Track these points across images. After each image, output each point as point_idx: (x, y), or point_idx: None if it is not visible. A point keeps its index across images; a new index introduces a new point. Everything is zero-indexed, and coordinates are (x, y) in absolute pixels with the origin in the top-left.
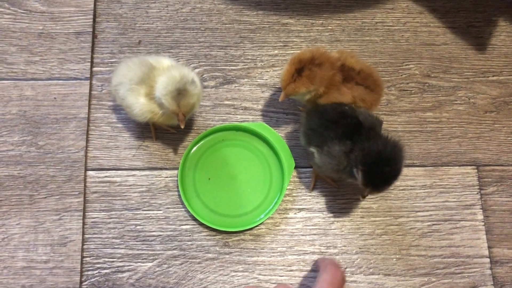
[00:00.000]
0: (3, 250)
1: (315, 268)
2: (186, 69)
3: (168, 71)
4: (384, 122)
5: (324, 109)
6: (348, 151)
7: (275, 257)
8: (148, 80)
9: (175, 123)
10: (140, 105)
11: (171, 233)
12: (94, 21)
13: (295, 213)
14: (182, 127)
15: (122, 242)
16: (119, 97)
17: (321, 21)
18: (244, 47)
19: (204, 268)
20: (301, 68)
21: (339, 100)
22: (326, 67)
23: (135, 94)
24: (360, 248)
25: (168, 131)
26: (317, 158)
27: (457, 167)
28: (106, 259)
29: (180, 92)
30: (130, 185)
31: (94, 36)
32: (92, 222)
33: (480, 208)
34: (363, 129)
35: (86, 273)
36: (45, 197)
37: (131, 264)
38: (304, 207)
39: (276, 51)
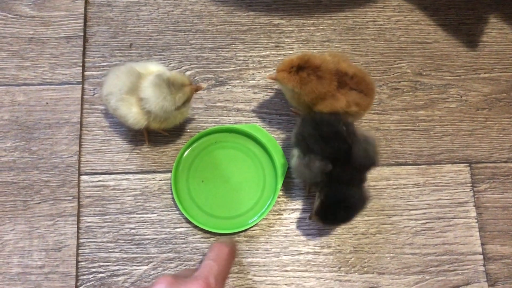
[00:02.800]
0: None
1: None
2: (145, 81)
3: (146, 98)
4: (376, 121)
5: (320, 121)
6: (326, 172)
7: (269, 258)
8: (138, 88)
9: (168, 126)
10: (134, 114)
11: (166, 236)
12: (85, 25)
13: (289, 214)
14: (204, 87)
15: (117, 246)
16: (111, 107)
17: (312, 21)
18: (236, 48)
19: None
20: (303, 68)
21: (334, 106)
22: (323, 82)
23: (127, 104)
24: (354, 247)
25: (161, 134)
26: (294, 162)
27: (449, 165)
28: (101, 263)
29: (172, 83)
30: (123, 189)
31: (85, 40)
32: (86, 226)
33: (473, 206)
34: (351, 162)
35: (81, 277)
36: (39, 203)
37: (126, 267)
38: (298, 208)
39: (267, 52)
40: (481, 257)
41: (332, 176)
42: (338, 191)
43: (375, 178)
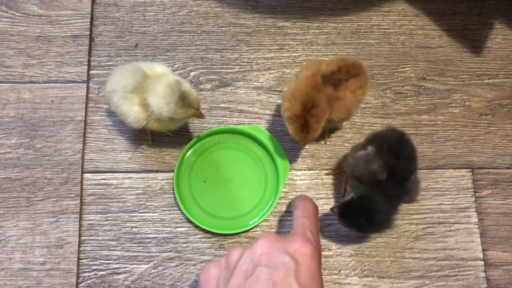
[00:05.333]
0: (0, 252)
1: (291, 209)
2: (165, 78)
3: (154, 91)
4: (379, 125)
5: (405, 139)
6: (378, 178)
7: None
8: (142, 88)
9: (170, 128)
10: (134, 113)
11: (167, 235)
12: (91, 24)
13: (290, 216)
14: (205, 118)
15: (118, 244)
16: (113, 104)
17: (317, 24)
18: (240, 50)
19: (200, 270)
20: (305, 122)
21: (346, 105)
22: (320, 100)
23: (128, 102)
24: (354, 251)
25: (164, 134)
26: (361, 153)
27: (452, 170)
28: (102, 261)
29: (183, 97)
30: (126, 188)
31: (91, 39)
32: (88, 224)
33: (475, 211)
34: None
35: (82, 274)
36: (42, 200)
37: (127, 266)
38: None
39: (272, 54)
40: (482, 263)
41: (379, 183)
42: (373, 199)
43: None
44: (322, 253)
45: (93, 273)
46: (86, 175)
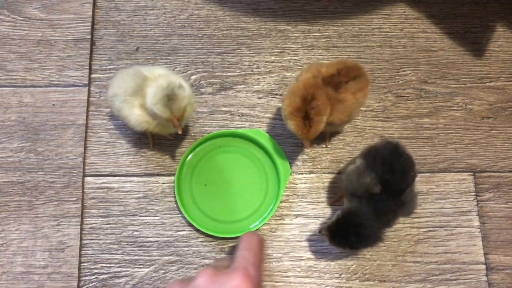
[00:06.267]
0: (2, 256)
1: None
2: (173, 76)
3: (155, 81)
4: (380, 129)
5: (400, 152)
6: (371, 191)
7: (271, 263)
8: (142, 91)
9: (172, 131)
10: (135, 116)
11: (168, 239)
12: (92, 28)
13: (291, 219)
14: (180, 132)
15: (119, 248)
16: (115, 109)
17: (318, 27)
18: (241, 53)
19: None
20: (305, 115)
21: (347, 108)
22: (320, 94)
23: (130, 105)
24: (355, 254)
25: (165, 137)
26: (351, 168)
27: (453, 173)
28: (104, 265)
29: (169, 98)
30: (127, 191)
31: (92, 43)
32: (89, 228)
33: (477, 215)
34: (395, 203)
35: (83, 278)
36: (44, 203)
37: (128, 269)
38: (300, 213)
39: (273, 58)
40: (483, 266)
41: (372, 199)
42: (359, 214)
43: None
44: (324, 256)
45: (94, 276)
46: (87, 179)
